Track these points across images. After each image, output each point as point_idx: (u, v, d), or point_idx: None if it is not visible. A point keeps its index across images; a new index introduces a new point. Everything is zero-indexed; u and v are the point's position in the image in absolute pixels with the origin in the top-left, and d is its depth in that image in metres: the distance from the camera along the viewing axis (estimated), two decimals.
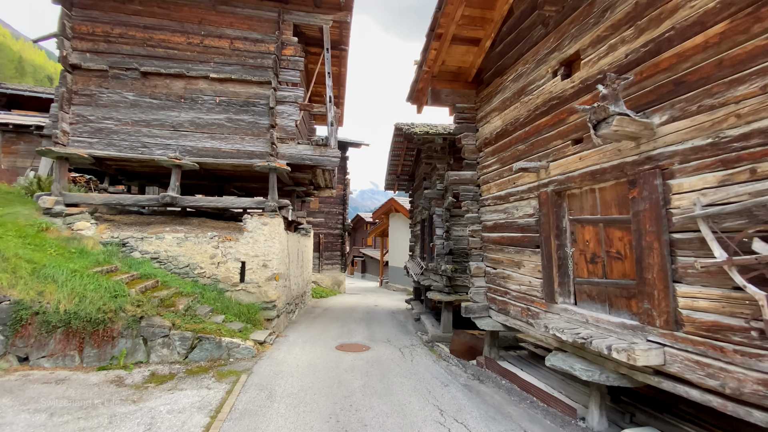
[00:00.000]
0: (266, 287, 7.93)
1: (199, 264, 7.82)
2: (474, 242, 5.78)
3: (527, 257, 4.69)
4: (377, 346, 7.37)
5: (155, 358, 5.84)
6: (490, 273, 5.59)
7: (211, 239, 7.91)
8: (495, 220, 5.42)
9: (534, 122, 4.55)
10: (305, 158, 8.64)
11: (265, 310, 7.90)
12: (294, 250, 10.31)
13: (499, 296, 5.37)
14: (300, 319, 10.04)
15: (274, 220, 8.09)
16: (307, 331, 8.59)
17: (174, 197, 8.02)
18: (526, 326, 4.73)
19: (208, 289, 7.61)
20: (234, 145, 8.41)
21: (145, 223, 8.44)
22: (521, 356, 5.83)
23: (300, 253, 11.51)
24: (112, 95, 8.28)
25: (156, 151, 8.22)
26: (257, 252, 7.96)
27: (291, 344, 7.26)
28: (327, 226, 18.99)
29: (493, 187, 5.46)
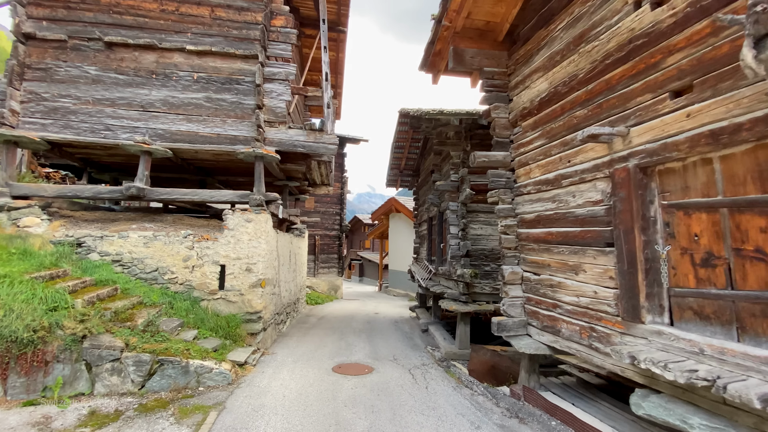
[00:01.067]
0: (250, 295, 6.68)
1: (170, 268, 6.56)
2: (507, 241, 4.58)
3: (590, 259, 3.50)
4: (382, 366, 6.13)
5: (101, 389, 4.57)
6: (530, 280, 4.39)
7: (185, 238, 6.66)
8: (538, 211, 4.22)
9: (602, 76, 3.37)
10: (297, 145, 7.43)
11: (248, 323, 6.65)
12: (285, 251, 9.06)
13: (543, 310, 4.17)
14: (291, 330, 8.78)
15: (260, 216, 6.86)
16: (299, 346, 7.33)
17: (141, 188, 6.77)
18: (589, 351, 3.53)
19: (180, 297, 6.35)
20: (214, 129, 7.19)
21: (109, 221, 7.18)
22: (567, 384, 4.62)
23: (293, 256, 10.27)
24: (71, 69, 7.05)
25: (121, 135, 6.98)
26: (239, 254, 6.72)
27: (278, 365, 6.01)
28: (323, 227, 17.74)
29: (535, 169, 4.27)
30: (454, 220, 6.97)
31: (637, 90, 3.06)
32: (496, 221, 6.91)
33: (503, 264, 4.62)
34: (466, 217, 6.77)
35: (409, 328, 9.66)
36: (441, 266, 8.43)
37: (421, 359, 6.65)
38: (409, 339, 8.33)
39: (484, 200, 6.91)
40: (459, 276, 6.67)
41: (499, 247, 6.60)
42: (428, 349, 7.38)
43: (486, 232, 6.95)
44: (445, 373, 5.94)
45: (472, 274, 6.16)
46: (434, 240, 9.46)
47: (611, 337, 3.27)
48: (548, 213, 4.05)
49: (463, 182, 6.82)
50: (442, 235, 8.50)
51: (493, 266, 6.87)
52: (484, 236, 6.93)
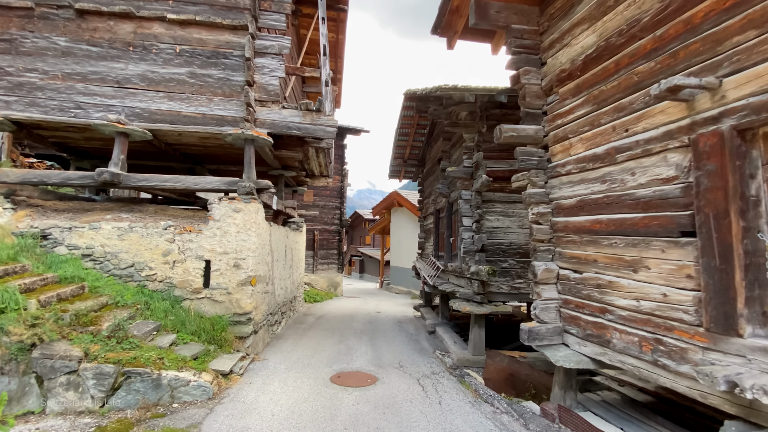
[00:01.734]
0: (239, 294, 5.94)
1: (148, 263, 5.82)
2: (539, 232, 3.83)
3: (656, 253, 2.75)
4: (387, 375, 5.41)
5: (55, 406, 3.84)
6: (568, 279, 3.64)
7: (165, 230, 5.92)
8: (581, 195, 3.47)
9: (679, 15, 2.61)
10: (292, 127, 6.66)
11: (236, 325, 5.92)
12: (280, 246, 8.32)
13: (587, 315, 3.42)
14: (287, 332, 8.06)
15: (249, 206, 6.11)
16: (294, 350, 6.60)
17: (116, 174, 6.01)
18: (652, 369, 2.79)
19: (158, 297, 5.62)
20: (199, 108, 6.42)
21: (82, 211, 6.43)
22: (610, 402, 3.88)
23: (289, 251, 9.53)
24: (38, 41, 6.27)
25: (94, 114, 6.21)
26: (226, 248, 5.97)
27: (269, 374, 5.28)
28: (322, 221, 16.99)
29: (577, 144, 3.51)
30: (467, 211, 6.21)
31: (733, 27, 2.30)
32: (519, 211, 6.20)
33: (534, 260, 3.86)
34: (480, 208, 6.01)
35: (414, 329, 8.93)
36: (450, 262, 7.69)
37: (431, 366, 5.92)
38: (415, 342, 7.60)
39: (502, 188, 6.17)
40: (473, 273, 5.93)
41: (526, 239, 5.84)
42: (437, 354, 6.65)
43: (503, 224, 6.20)
44: (459, 383, 5.21)
45: (489, 272, 5.42)
46: (442, 234, 8.71)
47: (687, 352, 2.53)
48: (595, 197, 3.30)
49: (478, 168, 6.06)
50: (451, 229, 7.75)
51: (511, 262, 6.13)
52: (501, 229, 6.18)
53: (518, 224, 6.24)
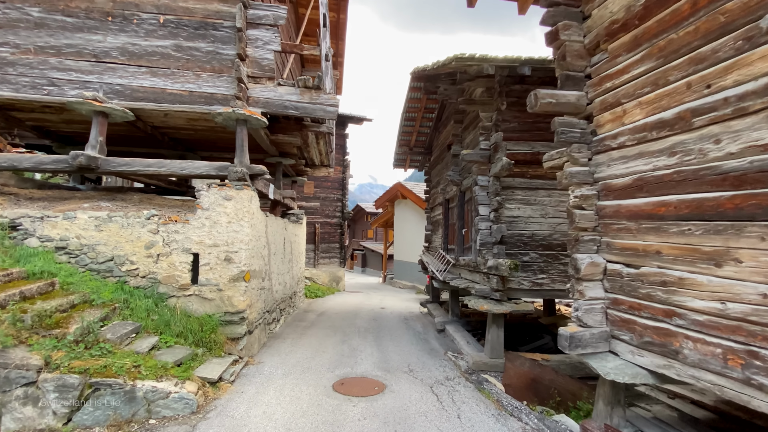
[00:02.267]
0: (231, 291, 5.36)
1: (129, 257, 5.23)
2: (582, 218, 3.20)
3: (753, 242, 2.13)
4: (396, 381, 4.83)
5: (11, 423, 3.28)
6: (619, 275, 3.03)
7: (148, 220, 5.32)
8: (640, 172, 2.84)
9: None
10: (289, 106, 6.02)
11: (228, 325, 5.34)
12: (278, 239, 7.72)
13: (645, 319, 2.81)
14: (286, 330, 7.49)
15: (242, 193, 5.50)
16: (293, 351, 6.03)
17: (93, 158, 5.41)
18: (742, 389, 2.19)
19: (140, 294, 5.03)
20: (185, 85, 5.78)
21: (59, 199, 5.83)
22: (664, 420, 3.28)
23: (288, 244, 8.94)
24: (10, 12, 5.64)
25: (69, 92, 5.59)
26: (216, 239, 5.38)
27: (264, 381, 4.70)
28: (324, 213, 16.38)
29: (634, 109, 2.87)
30: (483, 199, 5.58)
31: None
32: (542, 198, 5.57)
33: (575, 252, 3.24)
34: (500, 195, 5.38)
35: (422, 326, 8.35)
36: (462, 256, 7.07)
37: (444, 371, 5.34)
38: (424, 341, 7.02)
39: (523, 173, 5.54)
40: (490, 268, 5.32)
41: (550, 230, 5.24)
42: (449, 355, 6.07)
43: (524, 213, 5.57)
44: (478, 392, 4.62)
45: (511, 266, 4.80)
46: (452, 225, 8.09)
47: None
48: (660, 173, 2.66)
49: (497, 150, 5.41)
50: (463, 219, 7.13)
51: (533, 256, 5.51)
52: (522, 218, 5.55)
53: (541, 213, 5.61)
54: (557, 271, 5.54)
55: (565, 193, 5.78)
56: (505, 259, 5.04)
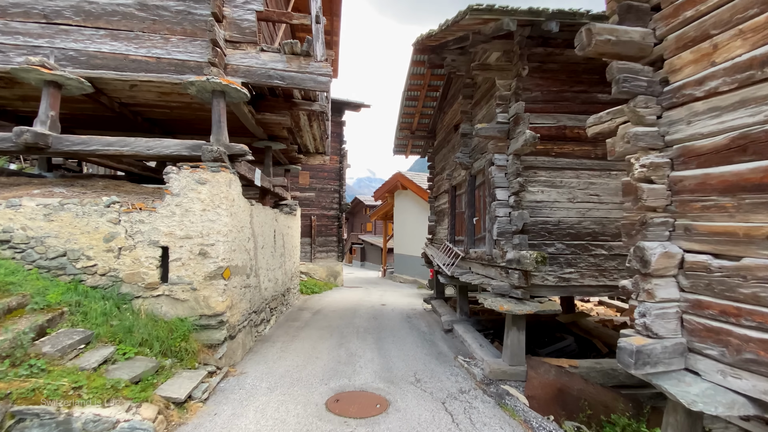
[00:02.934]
0: (206, 290, 4.58)
1: (85, 251, 4.44)
2: (652, 195, 2.41)
3: None
4: (402, 396, 4.07)
5: None
6: (706, 269, 2.26)
7: (108, 208, 4.51)
8: (743, 127, 2.05)
9: None
10: (274, 75, 5.19)
11: (204, 331, 4.57)
12: (267, 230, 6.93)
13: (746, 329, 2.06)
14: (276, 332, 6.72)
15: (218, 176, 4.69)
16: (283, 358, 5.27)
17: (41, 135, 4.59)
18: None
19: (96, 296, 4.25)
20: (152, 51, 4.95)
21: (7, 186, 5.02)
22: None
23: (280, 237, 8.15)
24: None
25: (15, 58, 4.77)
26: (189, 230, 4.58)
27: (244, 398, 3.94)
28: (320, 205, 15.56)
29: (732, 42, 2.08)
30: (501, 181, 4.79)
31: None
32: (569, 180, 4.80)
33: (641, 239, 2.46)
34: (521, 176, 4.58)
35: (427, 326, 7.61)
36: (473, 248, 6.30)
37: (456, 380, 4.59)
38: (430, 344, 6.28)
39: (547, 151, 4.75)
40: (510, 261, 4.54)
41: (578, 217, 4.48)
42: (460, 360, 5.32)
43: (549, 197, 4.78)
44: (500, 408, 3.88)
45: (538, 259, 4.02)
46: (460, 215, 7.30)
47: None
48: None
49: (518, 123, 4.60)
50: (474, 207, 6.34)
51: (559, 247, 4.73)
52: (546, 203, 4.76)
53: (568, 197, 4.83)
54: (587, 265, 4.77)
55: (595, 173, 5.01)
56: (529, 251, 4.26)
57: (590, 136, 2.99)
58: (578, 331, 6.59)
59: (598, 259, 4.80)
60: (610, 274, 4.80)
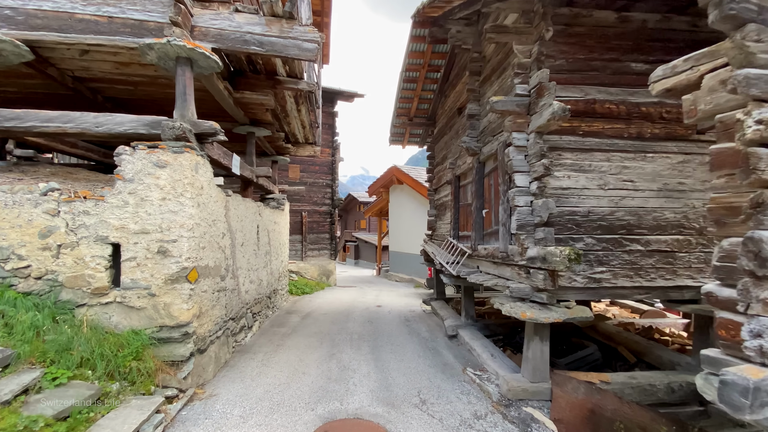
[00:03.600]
0: (168, 296, 3.79)
1: (16, 249, 3.62)
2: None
3: None
4: (405, 424, 3.33)
5: None
6: None
7: (44, 197, 3.69)
8: None
9: None
10: (251, 41, 4.39)
11: (164, 345, 3.78)
12: (248, 226, 6.13)
13: None
14: (259, 341, 5.94)
15: (182, 158, 3.89)
16: (263, 374, 4.50)
17: None
18: None
19: (26, 305, 3.44)
20: (103, 8, 4.12)
21: None
22: None
23: (265, 233, 7.35)
24: None
25: None
26: (145, 224, 3.78)
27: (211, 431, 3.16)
28: (311, 201, 14.74)
29: None
30: (520, 164, 4.04)
31: None
32: (599, 163, 4.11)
33: (756, 227, 1.73)
34: (546, 157, 3.85)
35: (428, 330, 6.88)
36: (482, 243, 5.57)
37: (468, 400, 3.86)
38: (434, 352, 5.55)
39: (573, 130, 4.04)
40: (532, 259, 3.81)
41: (611, 206, 3.78)
42: (470, 374, 4.60)
43: (577, 183, 4.06)
44: None
45: (571, 257, 3.29)
46: (465, 207, 6.57)
47: None
48: None
49: (542, 93, 3.86)
50: (483, 198, 5.60)
51: (589, 241, 4.01)
52: (574, 191, 4.04)
53: (598, 183, 4.11)
54: (620, 262, 4.06)
55: (629, 155, 4.29)
56: (557, 247, 3.52)
57: (656, 93, 2.26)
58: (598, 336, 5.90)
59: (634, 256, 4.09)
60: (646, 273, 4.09)
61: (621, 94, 4.22)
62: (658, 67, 2.26)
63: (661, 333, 5.96)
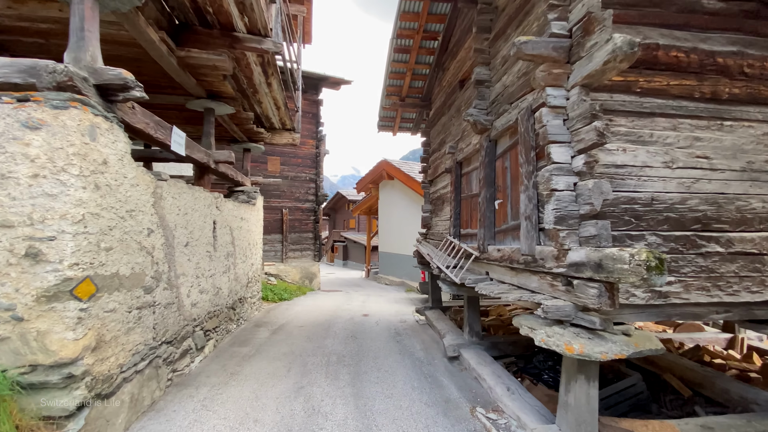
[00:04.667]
0: (43, 321, 2.53)
1: None
2: None
3: None
4: None
5: None
6: None
7: None
8: None
9: None
10: None
11: (38, 392, 2.52)
12: (197, 221, 4.86)
13: None
14: (208, 367, 4.68)
15: (65, 118, 2.62)
16: (197, 424, 3.25)
17: None
18: None
19: None
20: None
21: None
22: None
23: (227, 232, 6.09)
24: None
25: None
26: (7, 212, 2.52)
27: None
28: (293, 196, 13.44)
29: None
30: (558, 132, 2.88)
31: None
32: (666, 132, 2.96)
33: None
34: (599, 118, 2.68)
35: (423, 348, 5.70)
36: (494, 243, 4.40)
37: None
38: (431, 382, 4.37)
39: (628, 85, 2.92)
40: (578, 266, 2.64)
41: (684, 192, 2.82)
42: (480, 416, 3.43)
43: (636, 159, 2.91)
44: None
45: (650, 263, 2.12)
46: (470, 199, 5.40)
47: None
48: None
49: (590, 30, 2.70)
50: (495, 185, 4.42)
51: (652, 240, 2.88)
52: (632, 169, 2.90)
53: (663, 160, 2.97)
54: (694, 270, 2.92)
55: (702, 122, 3.14)
56: (622, 248, 2.35)
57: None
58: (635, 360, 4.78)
59: (711, 261, 2.96)
60: (728, 284, 2.97)
61: (691, 39, 3.09)
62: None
63: (712, 354, 4.87)
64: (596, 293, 2.52)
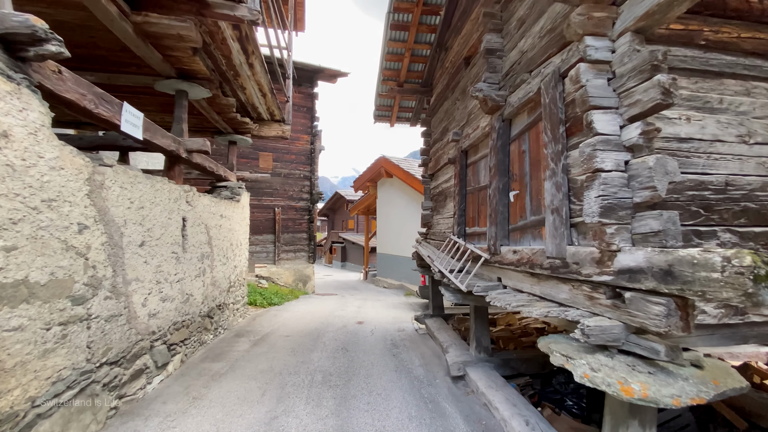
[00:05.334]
0: None
1: None
2: None
3: None
4: None
5: None
6: None
7: None
8: None
9: None
10: None
11: None
12: (159, 217, 4.15)
13: None
14: (169, 389, 3.98)
15: None
16: None
17: None
18: None
19: None
20: None
21: None
22: None
23: (201, 230, 5.39)
24: None
25: None
26: None
27: None
28: (286, 195, 12.74)
29: None
30: (602, 94, 2.18)
31: None
32: (740, 98, 2.27)
33: None
34: (660, 69, 2.00)
35: (422, 364, 4.99)
36: (509, 243, 3.68)
37: None
38: (432, 408, 3.66)
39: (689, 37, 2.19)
40: (634, 273, 1.94)
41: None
42: None
43: (704, 130, 2.22)
44: None
45: (759, 270, 1.46)
46: (477, 192, 4.68)
47: None
48: None
49: None
50: (509, 173, 3.71)
51: (726, 238, 2.18)
52: (699, 144, 2.21)
53: (737, 133, 2.27)
54: None
55: None
56: (712, 249, 1.65)
57: None
58: None
59: None
60: None
61: None
62: None
63: (762, 374, 4.15)
64: (663, 312, 1.81)
